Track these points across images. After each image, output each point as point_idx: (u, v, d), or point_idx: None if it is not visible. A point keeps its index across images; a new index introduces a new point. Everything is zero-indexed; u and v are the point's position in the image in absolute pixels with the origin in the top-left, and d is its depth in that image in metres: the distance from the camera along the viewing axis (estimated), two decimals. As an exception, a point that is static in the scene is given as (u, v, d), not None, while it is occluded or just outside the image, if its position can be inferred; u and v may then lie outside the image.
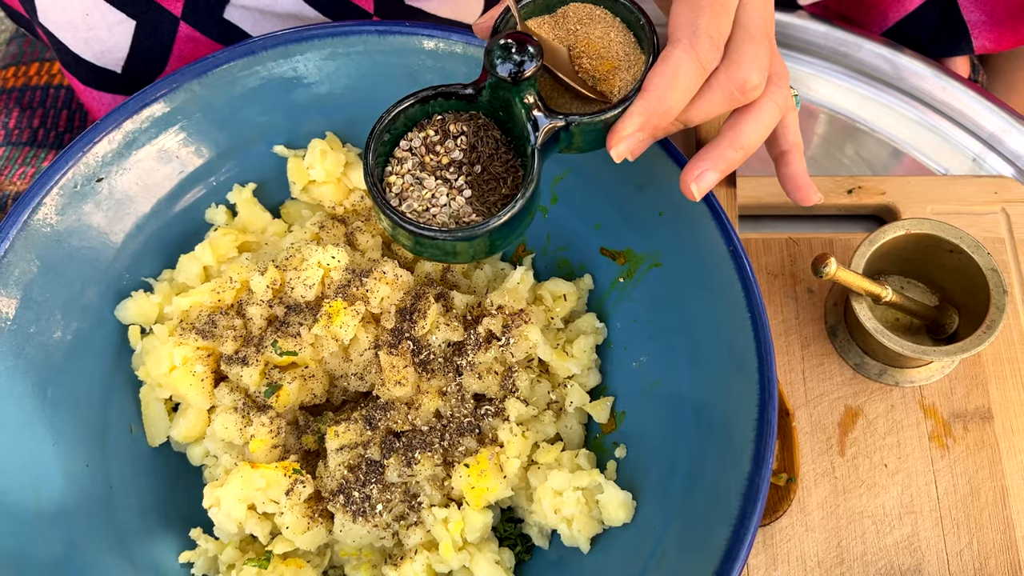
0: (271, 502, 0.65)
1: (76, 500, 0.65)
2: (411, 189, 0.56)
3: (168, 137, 0.70)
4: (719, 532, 0.58)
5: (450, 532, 0.65)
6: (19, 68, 1.03)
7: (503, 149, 0.57)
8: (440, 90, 0.55)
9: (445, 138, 0.57)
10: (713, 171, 0.57)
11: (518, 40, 0.52)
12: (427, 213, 0.55)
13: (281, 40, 0.69)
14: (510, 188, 0.56)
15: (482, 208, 0.55)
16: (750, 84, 0.55)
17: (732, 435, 0.60)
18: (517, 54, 0.52)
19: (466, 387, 0.67)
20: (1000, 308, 0.69)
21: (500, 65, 0.52)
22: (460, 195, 0.56)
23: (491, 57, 0.52)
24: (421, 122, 0.57)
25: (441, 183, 0.56)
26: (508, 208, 0.53)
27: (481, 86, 0.55)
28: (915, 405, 0.75)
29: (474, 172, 0.56)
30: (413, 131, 0.57)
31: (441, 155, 0.56)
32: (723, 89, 0.55)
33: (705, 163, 0.57)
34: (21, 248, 0.65)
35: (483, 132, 0.56)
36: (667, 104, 0.53)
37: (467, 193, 0.56)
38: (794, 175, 0.63)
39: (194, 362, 0.67)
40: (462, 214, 0.55)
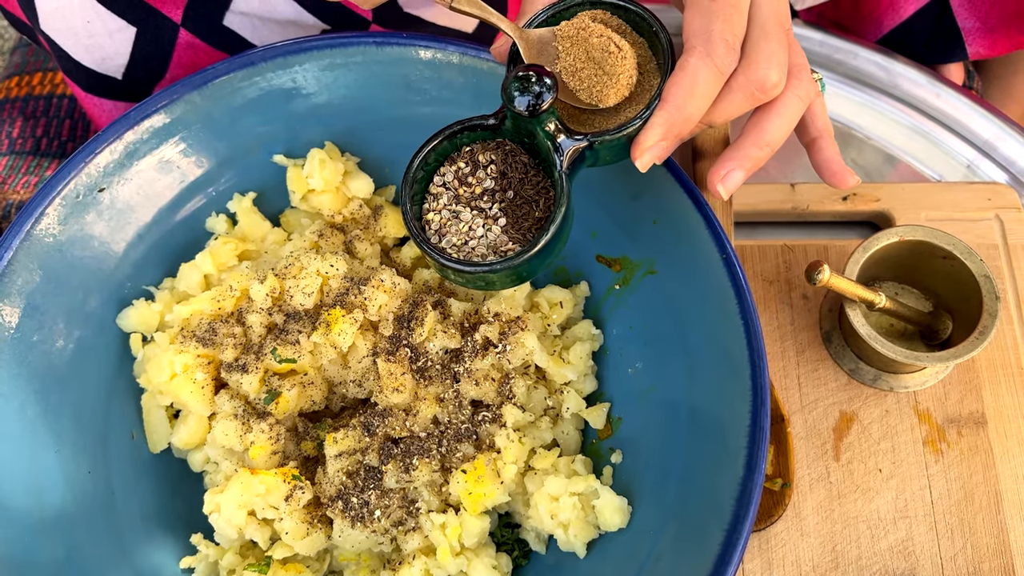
0: (271, 508, 0.65)
1: (78, 506, 0.66)
2: (449, 224, 0.58)
3: (169, 147, 0.70)
4: (713, 536, 0.58)
5: (448, 537, 0.65)
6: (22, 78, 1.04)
7: (532, 172, 0.58)
8: (466, 124, 0.57)
9: (476, 168, 0.59)
10: (739, 170, 0.58)
11: (533, 74, 0.53)
12: (466, 247, 0.57)
13: (280, 51, 0.70)
14: (543, 210, 0.58)
15: (517, 235, 0.57)
16: (769, 83, 0.55)
17: (726, 440, 0.61)
18: (535, 85, 0.53)
19: (463, 394, 0.68)
20: (993, 314, 0.69)
21: (518, 99, 0.53)
22: (496, 224, 0.57)
23: (508, 92, 0.53)
24: (451, 156, 0.59)
25: (476, 213, 0.58)
26: (542, 236, 0.54)
27: (503, 116, 0.56)
28: (909, 410, 0.76)
29: (507, 198, 0.58)
30: (445, 165, 0.59)
31: (474, 186, 0.58)
32: (743, 90, 0.55)
33: (731, 163, 0.58)
34: (24, 257, 0.65)
35: (511, 158, 0.58)
36: (687, 112, 0.54)
37: (502, 222, 0.57)
38: (828, 160, 0.63)
39: (195, 369, 0.68)
40: (499, 243, 0.57)
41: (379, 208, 0.75)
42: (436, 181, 0.59)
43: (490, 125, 0.57)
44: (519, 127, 0.56)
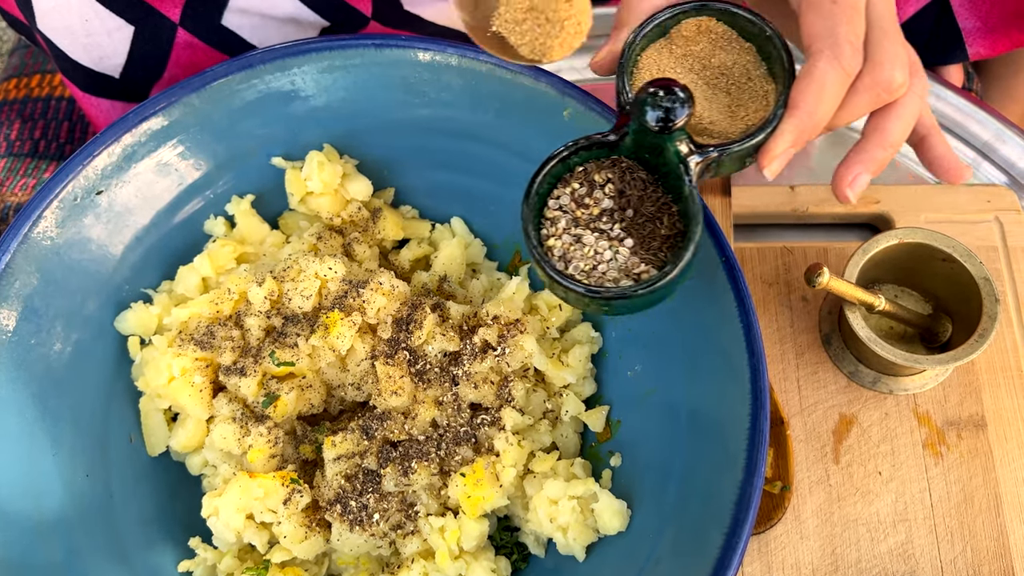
0: (269, 511, 0.65)
1: (77, 509, 0.66)
2: (572, 249, 0.56)
3: (167, 150, 0.70)
4: (712, 540, 0.58)
5: (446, 541, 0.65)
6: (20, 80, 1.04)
7: (651, 188, 0.56)
8: (580, 143, 0.56)
9: (592, 189, 0.57)
10: (866, 173, 0.57)
11: (665, 88, 0.51)
12: (595, 272, 0.55)
13: (279, 53, 0.70)
14: (668, 227, 0.56)
15: (647, 255, 0.55)
16: (896, 83, 0.54)
17: (725, 443, 0.61)
18: (668, 100, 0.51)
19: (462, 397, 0.68)
20: (992, 317, 0.69)
21: (650, 114, 0.51)
22: (622, 245, 0.55)
23: (641, 107, 0.51)
24: (564, 177, 0.57)
25: (598, 235, 0.56)
26: (683, 254, 0.52)
27: (624, 132, 0.54)
28: (909, 413, 0.76)
29: (627, 217, 0.56)
30: (558, 187, 0.57)
31: (591, 207, 0.56)
32: (870, 92, 0.55)
33: (858, 166, 0.57)
34: (22, 260, 0.65)
35: (628, 175, 0.56)
36: (817, 118, 0.53)
37: (629, 243, 0.55)
38: (940, 157, 0.62)
39: (193, 373, 0.68)
40: (631, 266, 0.55)
41: (378, 211, 0.75)
42: (552, 205, 0.57)
43: (608, 142, 0.55)
44: (641, 143, 0.54)
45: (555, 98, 0.69)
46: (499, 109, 0.71)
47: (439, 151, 0.75)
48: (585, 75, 0.90)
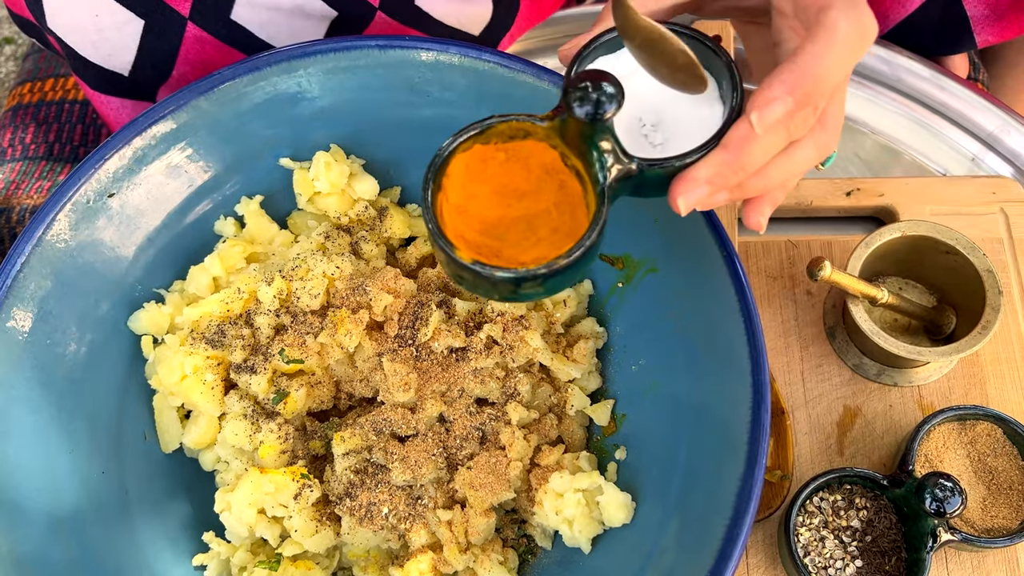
0: (280, 506, 0.67)
1: (93, 505, 0.67)
2: (815, 543, 0.68)
3: (176, 152, 0.71)
4: (715, 531, 0.59)
5: (454, 534, 0.66)
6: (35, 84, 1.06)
7: (894, 531, 0.67)
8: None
9: (850, 506, 0.68)
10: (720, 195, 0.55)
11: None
12: (825, 572, 0.67)
13: (284, 55, 0.71)
14: (893, 567, 0.66)
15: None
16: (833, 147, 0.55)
17: (728, 436, 0.61)
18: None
19: (468, 392, 0.69)
20: (995, 309, 0.69)
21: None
22: (853, 563, 0.67)
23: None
24: (832, 486, 0.69)
25: (838, 544, 0.67)
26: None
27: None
28: (913, 405, 0.76)
29: (865, 541, 0.67)
30: (824, 492, 0.69)
31: (843, 520, 0.68)
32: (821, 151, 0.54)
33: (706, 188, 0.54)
34: (37, 263, 0.67)
35: (883, 512, 0.68)
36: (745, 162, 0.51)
37: (858, 563, 0.66)
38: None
39: (204, 371, 0.69)
40: None
41: (384, 209, 0.76)
42: (815, 501, 0.69)
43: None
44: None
45: (557, 95, 0.69)
46: (502, 108, 0.71)
47: (444, 150, 0.76)
48: (589, 72, 0.91)
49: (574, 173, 0.53)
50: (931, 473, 0.65)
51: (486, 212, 0.54)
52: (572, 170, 0.53)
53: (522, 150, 0.54)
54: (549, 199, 0.54)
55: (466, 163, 0.54)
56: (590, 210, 0.53)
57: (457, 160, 0.54)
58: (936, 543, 0.65)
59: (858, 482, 0.69)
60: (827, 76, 0.51)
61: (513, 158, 0.54)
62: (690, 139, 0.54)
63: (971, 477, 0.70)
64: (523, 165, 0.54)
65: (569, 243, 0.51)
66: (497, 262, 0.52)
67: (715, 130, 0.53)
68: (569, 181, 0.53)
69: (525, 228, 0.53)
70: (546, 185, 0.54)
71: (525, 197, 0.54)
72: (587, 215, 0.53)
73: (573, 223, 0.53)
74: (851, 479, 0.69)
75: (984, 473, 0.70)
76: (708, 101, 0.55)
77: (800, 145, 0.53)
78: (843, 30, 0.51)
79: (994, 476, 0.70)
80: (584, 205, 0.53)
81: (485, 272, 0.51)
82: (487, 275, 0.51)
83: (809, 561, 0.67)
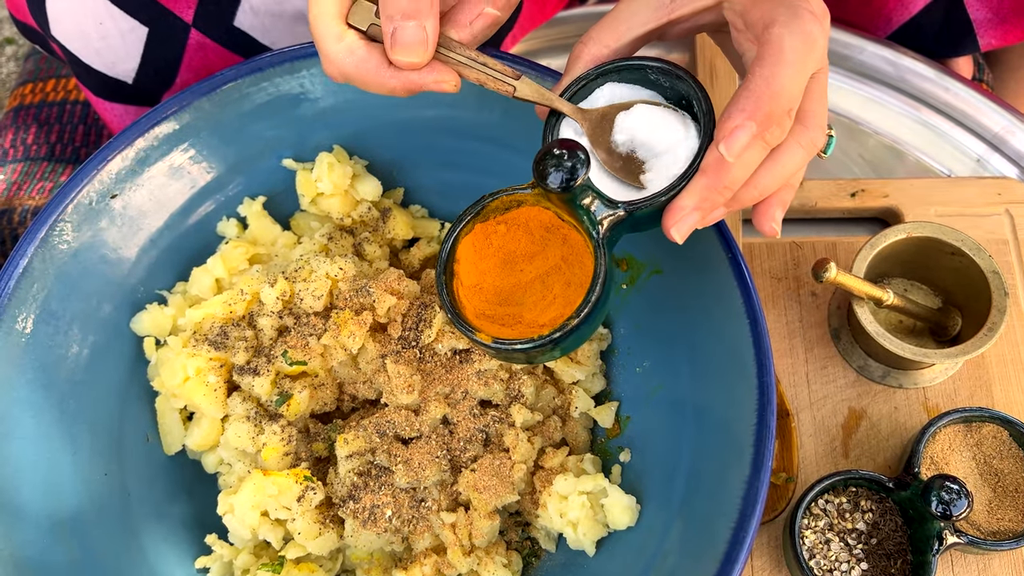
0: (283, 508, 0.66)
1: (95, 508, 0.67)
2: (820, 546, 0.67)
3: (179, 153, 0.71)
4: (720, 534, 0.59)
5: (458, 536, 0.66)
6: (36, 85, 1.06)
7: (899, 533, 0.67)
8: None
9: (855, 509, 0.67)
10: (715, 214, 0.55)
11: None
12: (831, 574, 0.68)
13: (287, 56, 0.71)
14: (899, 570, 0.65)
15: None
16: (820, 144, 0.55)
17: (732, 438, 0.61)
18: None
19: (472, 394, 0.69)
20: (1001, 310, 0.69)
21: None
22: (858, 566, 0.66)
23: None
24: (837, 488, 0.69)
25: (843, 547, 0.67)
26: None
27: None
28: (919, 407, 0.76)
29: (871, 544, 0.66)
30: (829, 494, 0.69)
31: (848, 522, 0.67)
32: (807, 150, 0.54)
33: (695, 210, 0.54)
34: (39, 264, 0.67)
35: (889, 515, 0.67)
36: (731, 179, 0.52)
37: (864, 566, 0.66)
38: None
39: (207, 372, 0.69)
40: None
41: (387, 210, 0.76)
42: (820, 503, 0.68)
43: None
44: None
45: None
46: (505, 108, 0.71)
47: (447, 151, 0.75)
48: (593, 72, 0.91)
49: (573, 227, 0.55)
50: (937, 476, 0.64)
51: (500, 283, 0.56)
52: (570, 224, 0.55)
53: (519, 217, 0.56)
54: (557, 254, 0.55)
55: (472, 243, 0.56)
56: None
57: (463, 244, 0.56)
58: (942, 546, 0.65)
59: (863, 484, 0.69)
60: (782, 93, 0.51)
61: (513, 226, 0.56)
62: (676, 163, 0.55)
63: (977, 479, 0.70)
64: (524, 230, 0.56)
65: (580, 293, 0.53)
66: (519, 328, 0.54)
67: (691, 158, 0.54)
68: (571, 234, 0.55)
69: (540, 287, 0.55)
70: (551, 242, 0.56)
71: (535, 258, 0.56)
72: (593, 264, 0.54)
73: (583, 273, 0.54)
74: (856, 481, 0.69)
75: (990, 475, 0.70)
76: (685, 125, 0.55)
77: (785, 149, 0.54)
78: (788, 45, 0.51)
79: (1000, 478, 0.69)
80: (589, 252, 0.54)
81: (504, 348, 0.53)
82: (507, 350, 0.53)
83: (814, 564, 0.67)
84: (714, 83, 0.86)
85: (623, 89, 0.58)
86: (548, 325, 0.53)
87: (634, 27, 0.57)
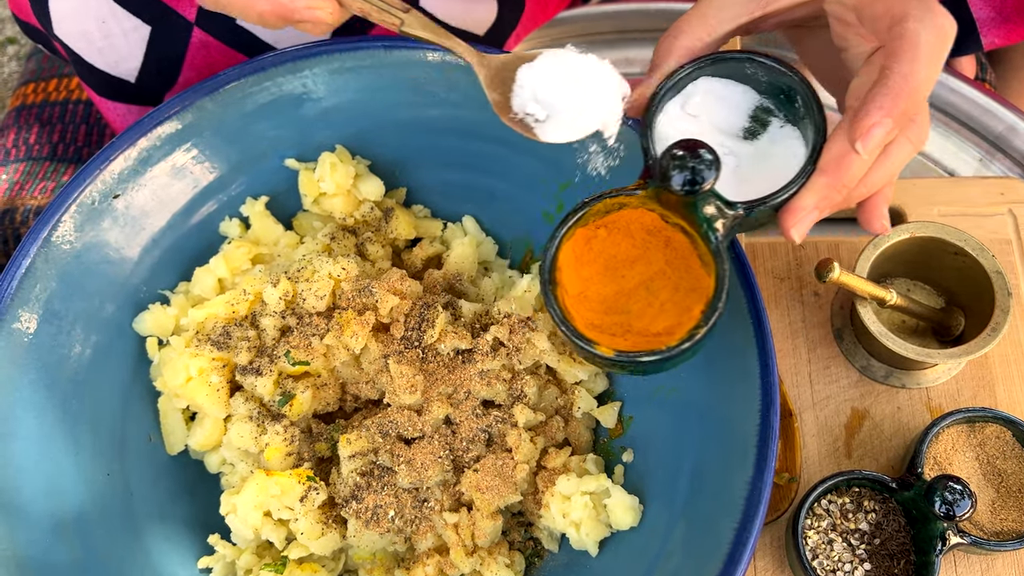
0: (286, 509, 0.66)
1: (97, 508, 0.67)
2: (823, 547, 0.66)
3: (181, 153, 0.71)
4: (723, 535, 0.59)
5: (461, 537, 0.66)
6: (38, 84, 1.06)
7: (903, 534, 0.66)
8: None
9: (858, 509, 0.67)
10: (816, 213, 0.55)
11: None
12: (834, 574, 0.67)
13: (290, 56, 0.71)
14: (902, 570, 0.65)
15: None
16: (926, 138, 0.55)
17: (736, 439, 0.61)
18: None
19: (475, 394, 0.69)
20: (1005, 310, 0.69)
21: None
22: (861, 566, 0.66)
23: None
24: (840, 489, 0.68)
25: (846, 547, 0.66)
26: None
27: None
28: (922, 407, 0.76)
29: (873, 544, 0.66)
30: (833, 495, 0.68)
31: (851, 522, 0.66)
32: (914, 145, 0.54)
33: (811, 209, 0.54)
34: (42, 264, 0.67)
35: (892, 515, 0.66)
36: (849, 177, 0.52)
37: (867, 566, 0.66)
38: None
39: (210, 373, 0.69)
40: None
41: (390, 210, 0.76)
42: (823, 503, 0.67)
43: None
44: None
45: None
46: (508, 108, 0.71)
47: (450, 151, 0.75)
48: (595, 72, 0.91)
49: (678, 228, 0.53)
50: (940, 476, 0.64)
51: (603, 290, 0.54)
52: (675, 226, 0.53)
53: (620, 220, 0.54)
54: (660, 258, 0.53)
55: (572, 250, 0.54)
56: (707, 263, 0.52)
57: (564, 250, 0.54)
58: (945, 546, 0.65)
59: (866, 485, 0.69)
60: (919, 90, 0.51)
61: (614, 230, 0.54)
62: (772, 159, 0.54)
63: (980, 480, 0.70)
64: (625, 233, 0.54)
65: (694, 298, 0.51)
66: (630, 338, 0.52)
67: (804, 157, 0.53)
68: (674, 236, 0.53)
69: (646, 294, 0.53)
70: (652, 246, 0.53)
71: (636, 263, 0.54)
72: (703, 265, 0.52)
73: (691, 277, 0.52)
74: (859, 482, 0.68)
75: (993, 476, 0.70)
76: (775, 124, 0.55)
77: (896, 144, 0.54)
78: (924, 40, 0.51)
79: (1003, 479, 0.69)
80: (696, 255, 0.52)
81: (630, 361, 0.51)
82: (632, 363, 0.51)
83: (817, 564, 0.67)
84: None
85: (718, 84, 0.56)
86: (664, 334, 0.51)
87: (725, 21, 0.56)
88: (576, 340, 0.52)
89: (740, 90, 0.56)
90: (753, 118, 0.58)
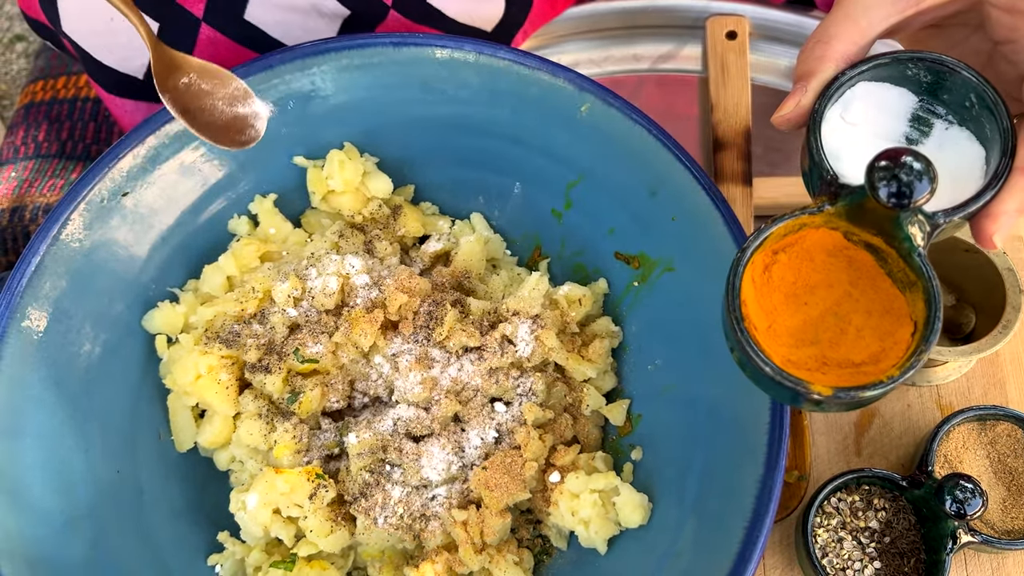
0: (295, 506, 0.66)
1: (108, 505, 0.67)
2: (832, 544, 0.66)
3: (190, 151, 0.71)
4: (733, 533, 0.59)
5: (470, 534, 0.66)
6: (47, 82, 1.06)
7: (913, 533, 0.66)
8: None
9: (868, 507, 0.66)
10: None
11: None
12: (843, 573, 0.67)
13: (298, 53, 0.71)
14: (912, 569, 0.65)
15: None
16: None
17: (746, 437, 0.61)
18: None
19: (483, 391, 0.69)
20: (1016, 308, 0.69)
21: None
22: (871, 564, 0.65)
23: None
24: (850, 487, 0.67)
25: (856, 545, 0.66)
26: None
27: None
28: (932, 405, 0.75)
29: (884, 543, 0.65)
30: (842, 492, 0.68)
31: (861, 520, 0.66)
32: None
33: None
34: (51, 262, 0.67)
35: (902, 514, 0.66)
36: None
37: (877, 565, 0.66)
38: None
39: (219, 370, 0.69)
40: None
41: (398, 208, 0.76)
42: (833, 502, 0.67)
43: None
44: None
45: (573, 93, 0.69)
46: (516, 106, 0.71)
47: (458, 148, 0.75)
48: (604, 68, 0.90)
49: (861, 245, 0.50)
50: (951, 474, 0.64)
51: (789, 321, 0.50)
52: (859, 244, 0.50)
53: (799, 243, 0.51)
54: (843, 280, 0.50)
55: (751, 279, 0.51)
56: (899, 279, 0.49)
57: (744, 281, 0.50)
58: (956, 545, 0.64)
59: (876, 483, 0.68)
60: None
61: (793, 255, 0.51)
62: (944, 164, 0.50)
63: (991, 478, 0.69)
64: (805, 257, 0.51)
65: (890, 320, 0.48)
66: (831, 372, 0.48)
67: (981, 158, 0.51)
68: (857, 255, 0.50)
69: (834, 321, 0.50)
70: (833, 267, 0.51)
71: (818, 288, 0.51)
72: (894, 283, 0.49)
73: (881, 298, 0.50)
74: (869, 480, 0.68)
75: (1004, 474, 0.69)
76: (939, 126, 0.53)
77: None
78: None
79: (1014, 477, 0.69)
80: (882, 273, 0.49)
81: (850, 398, 0.46)
82: (853, 400, 0.47)
83: (827, 562, 0.66)
84: (725, 80, 0.86)
85: (875, 88, 0.53)
86: (869, 362, 0.47)
87: (876, 22, 0.53)
88: (788, 383, 0.47)
89: (896, 93, 0.53)
90: (913, 121, 0.55)
